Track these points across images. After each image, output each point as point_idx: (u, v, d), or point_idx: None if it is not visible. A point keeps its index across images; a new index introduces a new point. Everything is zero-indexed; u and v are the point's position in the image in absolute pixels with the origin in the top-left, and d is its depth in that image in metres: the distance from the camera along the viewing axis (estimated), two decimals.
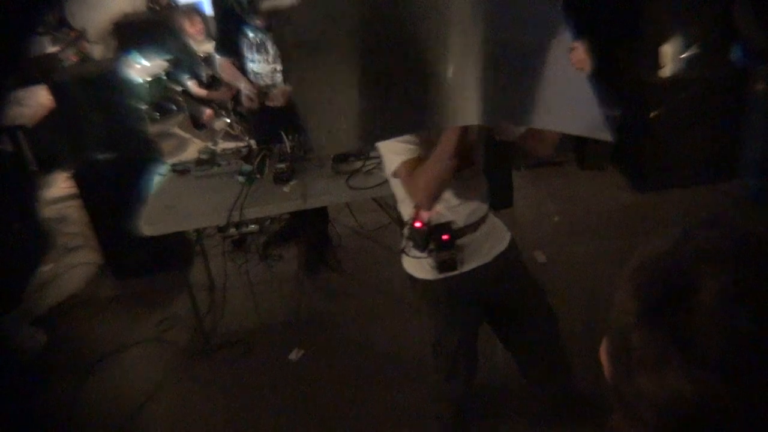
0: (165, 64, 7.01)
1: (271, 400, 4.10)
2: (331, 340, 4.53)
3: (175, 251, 5.11)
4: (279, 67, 4.73)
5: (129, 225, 4.18)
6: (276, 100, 4.71)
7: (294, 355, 4.41)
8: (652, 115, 5.47)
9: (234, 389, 4.23)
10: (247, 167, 4.39)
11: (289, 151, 4.47)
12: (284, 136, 4.46)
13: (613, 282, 0.99)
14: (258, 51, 4.67)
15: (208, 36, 6.53)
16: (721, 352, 0.83)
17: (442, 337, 3.09)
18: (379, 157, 4.30)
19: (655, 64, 5.45)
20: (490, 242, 2.94)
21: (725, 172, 5.66)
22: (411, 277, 2.97)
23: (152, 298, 5.17)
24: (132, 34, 7.98)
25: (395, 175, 2.68)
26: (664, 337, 0.87)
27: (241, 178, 4.31)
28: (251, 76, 4.77)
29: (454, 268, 2.81)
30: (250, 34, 4.66)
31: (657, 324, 0.88)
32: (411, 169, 2.59)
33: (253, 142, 4.91)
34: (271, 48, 4.67)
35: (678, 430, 0.89)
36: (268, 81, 4.76)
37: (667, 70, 5.45)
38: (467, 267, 2.87)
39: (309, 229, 5.23)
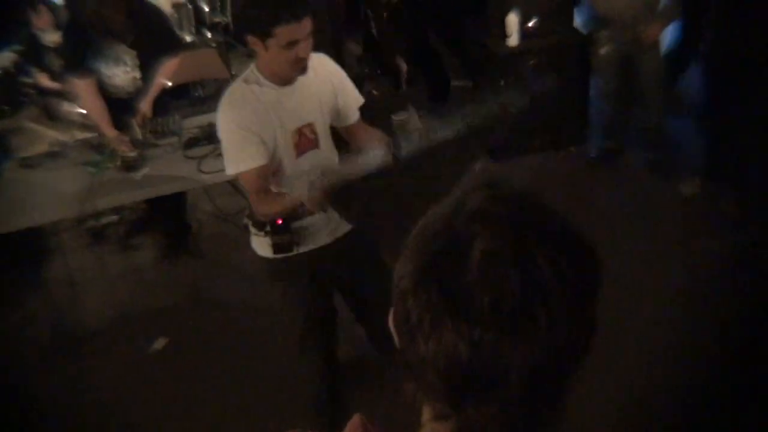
0: (13, 56, 6.76)
1: (137, 393, 4.04)
2: (195, 327, 4.50)
3: (28, 247, 4.96)
4: (139, 75, 4.53)
5: None
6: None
7: (158, 345, 4.36)
8: (502, 83, 5.61)
9: (98, 384, 4.15)
10: (96, 157, 4.32)
11: (140, 138, 4.40)
12: (133, 124, 4.39)
13: None
14: (116, 64, 4.50)
15: (57, 26, 6.33)
16: (488, 309, 0.84)
17: (288, 312, 3.16)
18: None
19: (503, 33, 5.59)
20: (332, 225, 3.01)
21: (576, 136, 5.87)
22: (254, 252, 3.08)
23: (6, 297, 5.00)
24: None
25: (239, 178, 2.84)
26: (437, 299, 0.87)
27: (91, 169, 4.23)
28: (111, 89, 4.53)
29: (290, 250, 2.89)
30: (106, 51, 4.43)
31: (430, 286, 0.88)
32: (258, 181, 2.75)
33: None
34: (128, 58, 4.47)
35: (462, 390, 0.89)
36: (131, 89, 4.56)
37: (513, 39, 5.59)
38: (303, 248, 2.95)
39: (166, 216, 5.17)
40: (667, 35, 5.06)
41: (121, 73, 4.48)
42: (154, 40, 4.50)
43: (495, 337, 0.84)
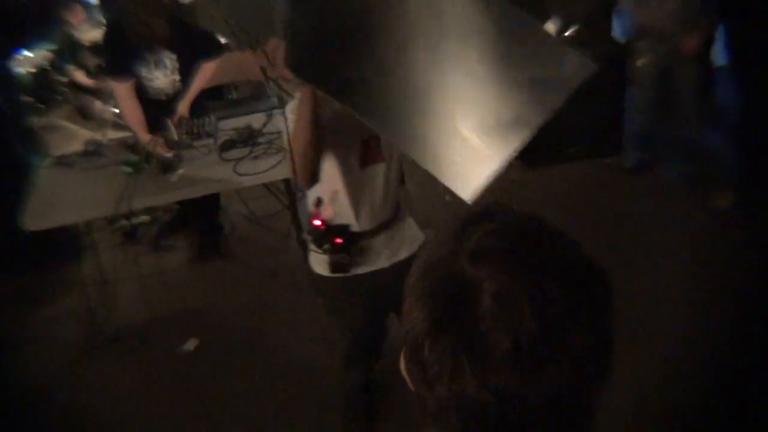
0: (49, 55, 6.80)
1: (166, 393, 4.05)
2: (225, 329, 4.50)
3: (62, 246, 4.99)
4: (178, 77, 4.55)
5: (12, 220, 4.06)
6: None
7: (189, 346, 4.36)
8: None
9: (128, 383, 4.17)
10: (133, 157, 4.33)
11: (176, 139, 4.41)
12: (170, 125, 4.40)
13: None
14: (157, 68, 4.50)
15: (92, 24, 6.37)
16: (507, 354, 0.82)
17: (337, 329, 3.15)
18: (265, 143, 4.34)
19: None
20: (392, 249, 2.93)
21: (610, 146, 5.83)
22: (310, 269, 3.00)
23: (40, 296, 5.03)
24: (13, 24, 7.71)
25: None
26: (454, 347, 0.85)
27: (127, 169, 4.24)
28: (151, 92, 4.55)
29: (346, 271, 2.84)
30: (146, 55, 4.44)
31: (444, 335, 0.86)
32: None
33: None
34: (168, 61, 4.49)
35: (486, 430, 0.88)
36: (170, 92, 4.58)
37: None
38: (360, 270, 2.88)
39: (199, 217, 5.18)
40: (716, 47, 4.99)
41: (162, 76, 4.49)
42: (193, 44, 4.51)
43: (517, 381, 0.83)
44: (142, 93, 4.51)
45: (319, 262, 2.91)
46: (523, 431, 0.87)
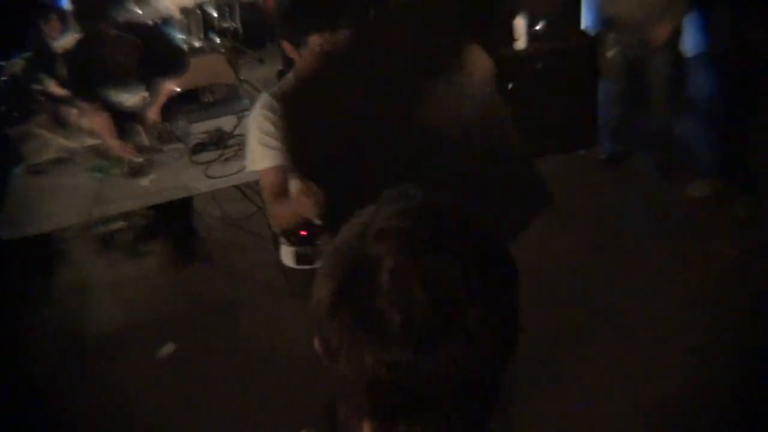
0: (23, 63, 6.79)
1: (147, 398, 4.03)
2: (204, 332, 4.48)
3: (37, 254, 4.97)
4: (147, 94, 4.62)
5: None
6: None
7: (166, 351, 4.36)
8: (510, 86, 5.59)
9: (108, 390, 4.13)
10: (102, 163, 4.33)
11: (146, 144, 4.41)
12: (140, 130, 4.40)
13: None
14: (125, 91, 4.55)
15: (68, 35, 6.36)
16: (400, 328, 0.83)
17: (307, 323, 3.16)
18: (235, 145, 4.34)
19: (510, 37, 5.58)
20: None
21: (583, 139, 5.85)
22: (280, 261, 3.08)
23: (17, 305, 5.00)
24: None
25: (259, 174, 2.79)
26: (353, 323, 0.87)
27: (97, 174, 4.25)
28: (118, 107, 4.58)
29: (311, 263, 2.88)
30: (114, 82, 4.52)
31: (344, 310, 0.88)
32: (274, 182, 2.71)
33: None
34: (137, 85, 4.56)
35: (388, 409, 0.89)
36: (140, 106, 4.63)
37: (520, 43, 5.59)
38: None
39: (174, 221, 5.17)
40: (685, 37, 5.00)
41: (130, 96, 4.54)
42: (161, 64, 4.57)
43: (412, 355, 0.84)
44: (111, 106, 4.53)
45: (286, 254, 2.99)
46: (425, 407, 0.88)
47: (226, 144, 4.38)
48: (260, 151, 2.72)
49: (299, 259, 2.90)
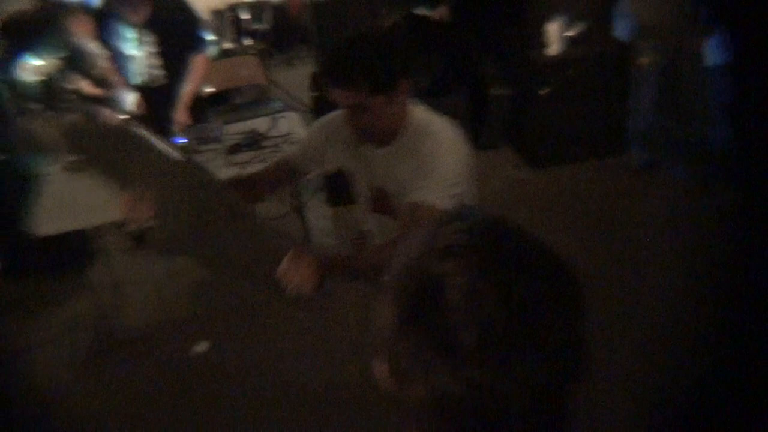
0: (56, 63, 6.85)
1: (178, 396, 4.06)
2: (238, 330, 4.53)
3: (74, 249, 5.02)
4: (160, 63, 4.82)
5: (23, 225, 4.10)
6: None
7: (201, 348, 4.39)
8: (541, 92, 5.61)
9: (140, 387, 4.18)
10: None
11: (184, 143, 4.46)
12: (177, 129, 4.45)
13: None
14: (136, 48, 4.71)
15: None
16: (476, 346, 0.83)
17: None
18: (270, 146, 4.37)
19: (542, 42, 5.60)
20: (385, 235, 2.97)
21: (615, 146, 5.85)
22: None
23: (53, 299, 5.07)
24: (21, 33, 7.77)
25: None
26: (423, 342, 0.86)
27: None
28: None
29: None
30: (123, 30, 4.72)
31: (414, 330, 0.88)
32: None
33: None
34: (146, 42, 4.73)
35: (459, 428, 0.89)
36: (153, 76, 4.83)
37: (553, 49, 5.60)
38: None
39: None
40: (713, 46, 4.99)
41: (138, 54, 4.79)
42: (176, 29, 4.76)
43: (487, 373, 0.84)
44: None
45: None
46: (499, 427, 0.88)
47: (261, 145, 4.41)
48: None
49: None
